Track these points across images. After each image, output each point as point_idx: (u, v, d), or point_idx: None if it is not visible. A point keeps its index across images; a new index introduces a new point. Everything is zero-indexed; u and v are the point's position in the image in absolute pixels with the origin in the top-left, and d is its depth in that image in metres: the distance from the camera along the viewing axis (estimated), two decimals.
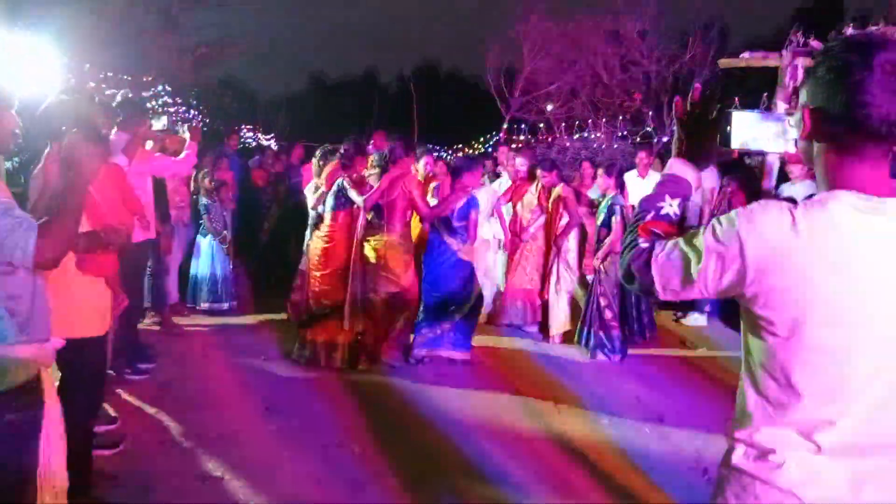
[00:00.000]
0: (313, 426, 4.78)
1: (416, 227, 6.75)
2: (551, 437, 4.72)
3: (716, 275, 1.51)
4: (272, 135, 31.21)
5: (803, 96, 1.55)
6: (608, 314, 6.45)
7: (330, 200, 6.10)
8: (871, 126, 1.41)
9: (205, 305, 7.76)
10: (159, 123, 5.19)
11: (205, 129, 5.86)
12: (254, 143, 21.89)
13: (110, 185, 3.64)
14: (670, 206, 1.73)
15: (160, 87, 11.78)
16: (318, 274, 6.12)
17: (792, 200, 1.66)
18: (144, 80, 11.29)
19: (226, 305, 7.84)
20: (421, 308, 6.31)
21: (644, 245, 1.66)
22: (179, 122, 5.40)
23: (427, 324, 6.27)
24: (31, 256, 2.10)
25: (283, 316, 7.39)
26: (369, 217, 6.08)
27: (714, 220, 1.55)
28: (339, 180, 6.06)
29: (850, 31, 7.53)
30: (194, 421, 4.74)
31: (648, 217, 1.72)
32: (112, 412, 4.65)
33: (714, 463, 4.14)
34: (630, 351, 6.58)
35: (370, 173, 6.23)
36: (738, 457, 1.58)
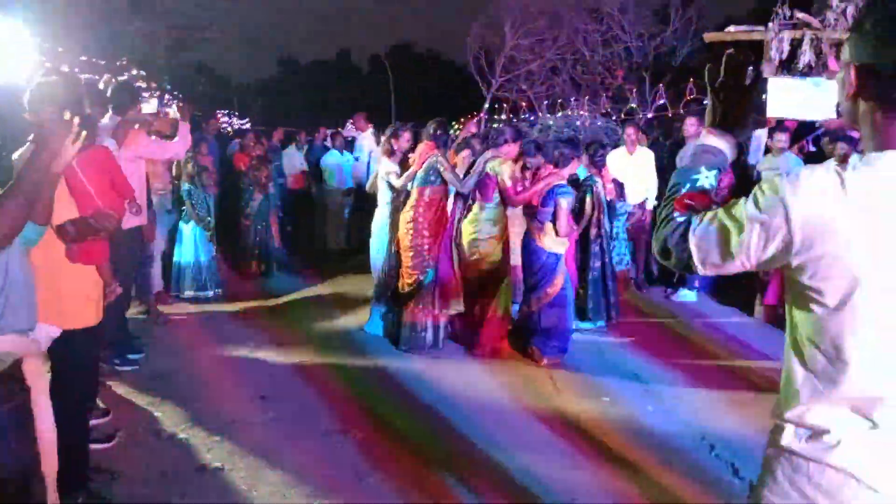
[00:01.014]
0: (311, 413, 4.69)
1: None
2: (555, 417, 4.66)
3: (759, 245, 1.43)
4: (247, 119, 30.95)
5: (846, 53, 1.47)
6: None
7: (420, 175, 5.97)
8: None
9: (189, 293, 7.61)
10: (150, 107, 5.01)
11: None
12: (229, 129, 21.62)
13: (99, 170, 3.50)
14: (706, 178, 1.65)
15: (134, 72, 11.49)
16: (406, 252, 6.03)
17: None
18: (118, 64, 11.01)
19: (210, 293, 7.70)
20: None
21: (680, 219, 1.59)
22: (167, 104, 5.20)
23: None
24: None
25: (271, 302, 7.26)
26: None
27: (756, 188, 1.46)
28: (433, 158, 5.92)
29: (836, 2, 7.54)
30: (188, 412, 4.63)
31: (684, 189, 1.64)
32: (102, 405, 4.52)
33: (719, 439, 4.14)
34: (623, 327, 6.56)
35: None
36: (789, 438, 1.51)
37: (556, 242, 5.77)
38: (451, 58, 34.17)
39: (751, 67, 1.73)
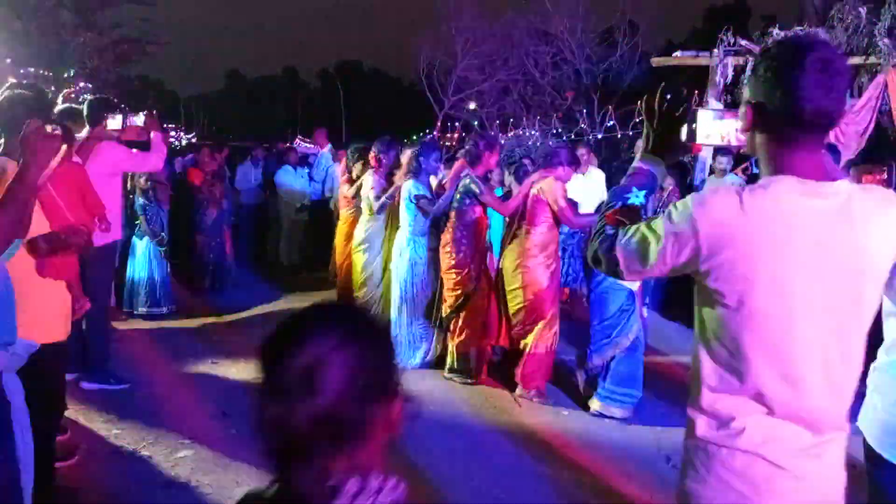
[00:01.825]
0: None
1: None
2: (516, 431, 4.77)
3: (673, 253, 1.66)
4: (193, 133, 30.53)
5: (746, 93, 1.71)
6: None
7: (457, 198, 5.73)
8: (806, 118, 1.57)
9: (142, 310, 7.49)
10: (115, 122, 4.95)
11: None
12: (176, 143, 21.29)
13: (70, 185, 3.48)
14: (636, 197, 1.88)
15: (81, 85, 11.28)
16: (448, 277, 5.79)
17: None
18: (65, 77, 10.82)
19: (164, 309, 7.59)
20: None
21: (610, 231, 1.82)
22: (133, 115, 5.09)
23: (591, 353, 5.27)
24: None
25: (226, 318, 7.20)
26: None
27: (671, 206, 1.70)
28: (466, 179, 5.68)
29: (775, 31, 7.92)
30: (149, 428, 4.59)
31: (616, 206, 1.87)
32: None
33: (675, 451, 4.28)
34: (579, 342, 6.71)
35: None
36: (702, 427, 1.70)
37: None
38: (400, 76, 34.35)
39: (683, 102, 1.97)
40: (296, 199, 10.45)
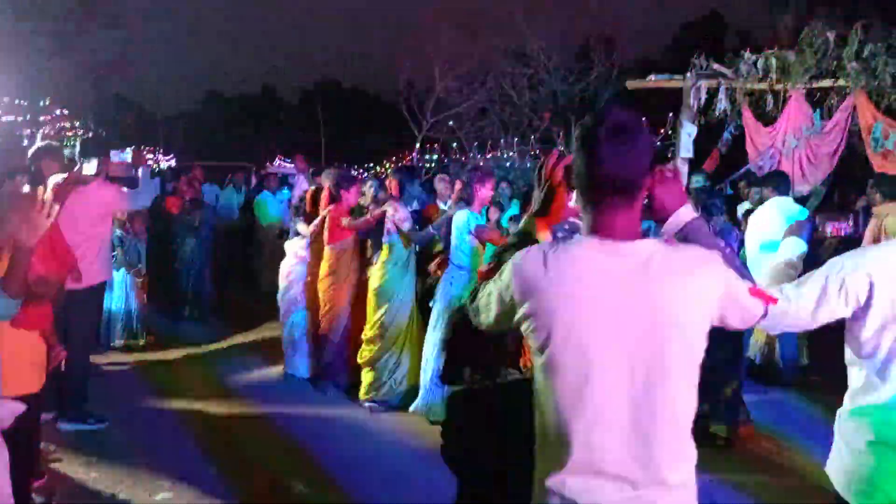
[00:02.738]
0: (255, 466, 4.67)
1: None
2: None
3: (499, 306, 1.81)
4: (171, 155, 30.35)
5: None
6: None
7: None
8: (601, 181, 1.67)
9: (120, 342, 7.44)
10: (90, 167, 4.90)
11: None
12: (156, 165, 21.16)
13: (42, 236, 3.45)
14: (509, 254, 1.92)
15: (58, 112, 11.23)
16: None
17: None
18: (41, 104, 10.74)
19: (142, 342, 7.54)
20: None
21: (479, 287, 1.95)
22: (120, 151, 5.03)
23: None
24: None
25: (206, 349, 7.16)
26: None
27: (505, 263, 1.82)
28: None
29: (747, 54, 8.05)
30: (127, 469, 4.55)
31: (491, 263, 2.00)
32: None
33: None
34: None
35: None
36: (539, 472, 1.76)
37: None
38: (380, 95, 34.41)
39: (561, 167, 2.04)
40: (275, 225, 10.40)
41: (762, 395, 6.04)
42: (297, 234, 6.72)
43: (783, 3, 16.87)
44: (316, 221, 6.46)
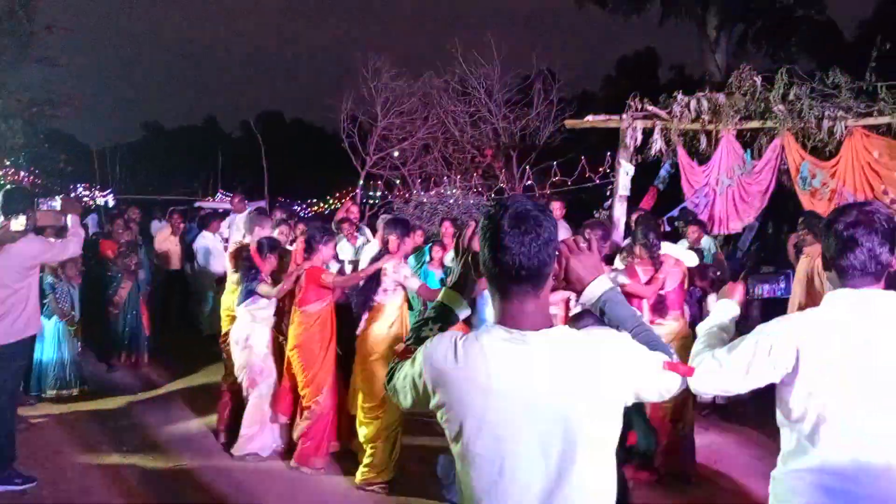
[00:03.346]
0: None
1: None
2: None
3: (413, 392, 1.81)
4: (109, 190, 29.60)
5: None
6: None
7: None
8: (505, 270, 1.68)
9: (51, 393, 7.14)
10: (18, 224, 4.72)
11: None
12: (91, 202, 20.63)
13: None
14: (430, 331, 1.94)
15: None
16: None
17: None
18: None
19: (75, 391, 7.26)
20: None
21: (398, 366, 1.90)
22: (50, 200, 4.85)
23: None
24: None
25: (142, 396, 6.93)
26: None
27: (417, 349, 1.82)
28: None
29: (679, 95, 8.31)
30: None
31: (410, 341, 1.94)
32: None
33: None
34: None
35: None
36: None
37: None
38: (323, 128, 34.32)
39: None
40: (215, 267, 10.09)
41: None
42: (252, 292, 5.69)
43: (715, 42, 17.47)
44: (287, 280, 5.53)
